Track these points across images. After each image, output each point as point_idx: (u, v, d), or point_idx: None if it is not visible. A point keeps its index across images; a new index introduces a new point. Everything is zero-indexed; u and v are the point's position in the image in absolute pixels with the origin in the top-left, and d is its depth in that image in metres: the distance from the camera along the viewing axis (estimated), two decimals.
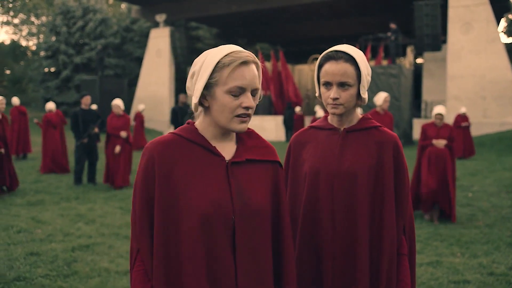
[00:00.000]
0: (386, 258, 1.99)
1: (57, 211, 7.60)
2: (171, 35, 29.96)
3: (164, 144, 1.66)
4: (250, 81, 1.61)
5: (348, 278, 2.00)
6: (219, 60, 1.60)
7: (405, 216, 2.06)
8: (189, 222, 1.58)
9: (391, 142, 2.05)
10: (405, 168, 2.07)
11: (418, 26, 21.87)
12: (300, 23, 32.58)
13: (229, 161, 1.67)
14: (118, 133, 9.76)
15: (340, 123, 2.12)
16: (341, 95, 2.00)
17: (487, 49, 21.41)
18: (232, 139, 1.74)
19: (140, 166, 1.66)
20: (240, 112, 1.62)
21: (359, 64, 1.97)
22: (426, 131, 7.42)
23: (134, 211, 1.66)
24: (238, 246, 1.61)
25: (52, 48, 36.76)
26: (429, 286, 4.64)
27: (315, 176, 2.07)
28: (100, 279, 4.71)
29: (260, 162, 1.74)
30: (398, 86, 19.44)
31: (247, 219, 1.63)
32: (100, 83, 27.51)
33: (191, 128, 1.71)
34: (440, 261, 5.35)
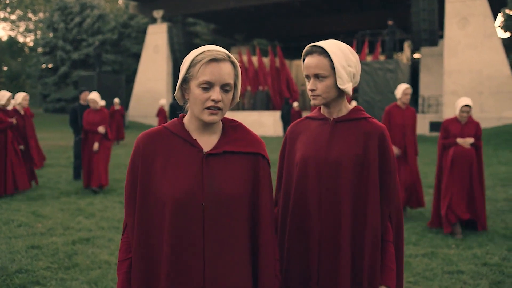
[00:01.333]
0: (369, 245, 2.07)
1: (57, 206, 7.67)
2: (169, 31, 30.00)
3: (150, 136, 1.86)
4: (218, 77, 1.75)
5: (332, 263, 2.09)
6: (194, 57, 1.79)
7: (391, 203, 2.14)
8: (162, 207, 1.77)
9: (377, 132, 2.13)
10: (392, 158, 2.15)
11: (415, 21, 21.97)
12: (298, 19, 32.64)
13: (206, 152, 1.81)
14: (95, 128, 9.00)
15: (329, 113, 2.21)
16: (317, 87, 2.11)
17: (484, 44, 21.50)
18: (216, 132, 1.88)
19: (131, 155, 1.87)
20: (209, 105, 1.76)
21: (332, 56, 2.07)
22: (448, 128, 6.41)
23: (125, 193, 1.89)
24: (207, 231, 1.75)
25: (49, 45, 36.81)
26: (424, 276, 4.73)
27: (305, 164, 2.16)
28: (101, 271, 4.79)
29: (240, 154, 1.86)
30: (395, 81, 19.51)
31: (217, 206, 1.76)
32: (98, 79, 27.54)
33: (177, 121, 1.90)
34: (435, 252, 5.44)
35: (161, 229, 1.77)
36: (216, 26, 36.79)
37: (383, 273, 2.10)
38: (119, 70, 36.75)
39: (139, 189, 1.81)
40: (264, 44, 37.23)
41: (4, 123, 8.39)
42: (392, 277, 2.09)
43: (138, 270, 1.81)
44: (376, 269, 2.08)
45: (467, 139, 6.23)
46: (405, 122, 7.07)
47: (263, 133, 24.35)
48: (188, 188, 1.75)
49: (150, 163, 1.81)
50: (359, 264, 2.08)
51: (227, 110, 1.82)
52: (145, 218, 1.80)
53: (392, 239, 2.14)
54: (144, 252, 1.80)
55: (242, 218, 1.82)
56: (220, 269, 1.76)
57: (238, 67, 1.83)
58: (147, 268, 1.80)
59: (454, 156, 6.26)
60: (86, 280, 4.53)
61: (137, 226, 1.81)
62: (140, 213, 1.81)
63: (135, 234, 1.82)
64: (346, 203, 2.08)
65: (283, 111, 23.22)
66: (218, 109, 1.77)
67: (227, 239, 1.78)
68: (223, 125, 1.90)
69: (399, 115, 7.09)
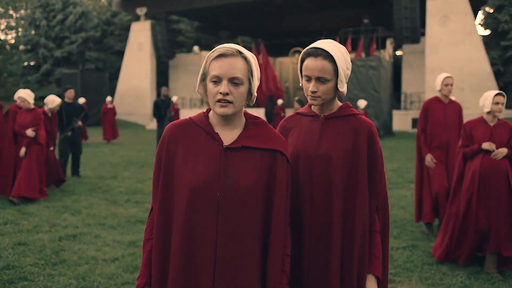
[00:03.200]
0: (358, 236, 2.18)
1: (43, 203, 7.69)
2: (152, 29, 29.95)
3: (176, 126, 2.00)
4: (225, 71, 1.85)
5: (323, 254, 2.19)
6: (208, 55, 1.92)
7: (379, 196, 2.25)
8: (181, 195, 1.90)
9: (366, 128, 2.23)
10: (379, 153, 2.25)
11: (397, 18, 22.22)
12: (282, 16, 32.76)
13: (226, 146, 1.92)
14: (24, 131, 7.91)
15: (321, 110, 2.30)
16: (319, 89, 2.18)
17: (464, 42, 21.82)
18: (238, 127, 1.99)
19: (159, 142, 2.01)
20: (219, 98, 1.87)
21: (337, 61, 2.14)
22: (471, 133, 4.88)
23: (152, 177, 2.03)
24: (220, 222, 1.85)
25: (31, 42, 36.47)
26: (404, 268, 4.87)
27: (296, 158, 2.25)
28: (88, 266, 4.85)
29: (257, 149, 1.95)
30: (378, 78, 19.72)
31: (232, 198, 1.86)
32: (81, 77, 27.42)
33: (203, 114, 2.02)
34: (416, 245, 5.59)
35: (178, 216, 1.90)
36: (200, 24, 36.76)
37: (370, 262, 2.20)
38: (102, 68, 36.56)
39: (162, 175, 1.95)
40: (248, 41, 37.27)
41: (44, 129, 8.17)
42: (379, 266, 2.20)
43: (157, 251, 1.95)
44: (364, 259, 2.18)
45: (500, 149, 4.69)
46: (448, 119, 5.98)
47: None
48: (206, 178, 1.87)
49: (173, 152, 1.95)
50: (349, 254, 2.18)
51: (240, 104, 1.92)
52: (165, 203, 1.94)
53: (379, 230, 2.25)
54: (163, 234, 1.94)
55: (255, 212, 1.91)
56: (230, 260, 1.85)
57: (251, 62, 1.92)
58: (165, 249, 1.93)
59: (481, 171, 4.71)
60: (74, 276, 4.59)
61: (157, 210, 1.96)
62: (161, 198, 1.95)
63: (156, 217, 1.96)
64: (336, 197, 2.18)
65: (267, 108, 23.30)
66: (228, 102, 1.87)
67: (239, 231, 1.86)
68: (246, 120, 2.01)
69: (441, 111, 6.02)
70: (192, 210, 1.86)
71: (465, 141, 4.90)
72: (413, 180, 9.95)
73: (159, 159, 1.98)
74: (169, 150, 1.95)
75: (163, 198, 1.94)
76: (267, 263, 1.94)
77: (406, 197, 8.33)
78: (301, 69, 2.24)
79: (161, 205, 1.94)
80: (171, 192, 1.93)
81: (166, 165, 1.95)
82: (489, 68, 21.56)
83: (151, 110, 28.13)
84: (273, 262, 1.93)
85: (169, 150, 1.95)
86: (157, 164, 1.99)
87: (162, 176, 1.95)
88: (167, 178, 1.94)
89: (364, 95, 19.73)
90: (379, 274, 2.20)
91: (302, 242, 2.21)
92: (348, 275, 2.18)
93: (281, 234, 1.96)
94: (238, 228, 1.86)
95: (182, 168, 1.91)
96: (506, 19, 24.98)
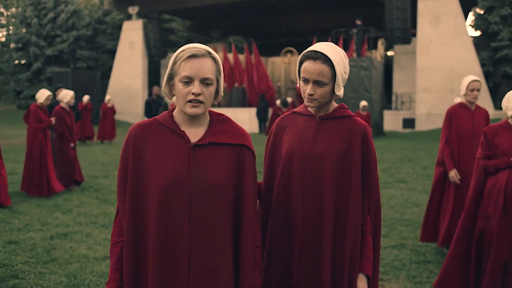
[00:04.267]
0: (350, 235, 2.22)
1: (34, 202, 7.69)
2: (144, 28, 29.90)
3: (141, 127, 2.00)
4: (197, 71, 1.88)
5: (315, 253, 2.22)
6: (176, 55, 1.93)
7: (371, 197, 2.29)
8: (151, 195, 1.91)
9: (360, 130, 2.27)
10: (373, 155, 2.29)
11: (388, 19, 22.34)
12: (274, 16, 32.81)
13: (193, 143, 1.94)
14: None
15: (316, 111, 2.34)
16: (316, 92, 2.21)
17: (455, 42, 21.97)
18: (203, 125, 2.01)
19: (123, 144, 2.00)
20: (190, 98, 1.89)
21: (335, 66, 2.17)
22: (494, 141, 3.96)
23: (117, 179, 2.02)
24: (193, 218, 1.89)
25: (22, 40, 36.31)
26: (393, 266, 4.93)
27: (290, 157, 2.29)
28: (79, 264, 4.88)
29: (225, 145, 1.99)
30: (369, 78, 19.82)
31: (203, 194, 1.90)
32: (72, 75, 27.32)
33: (167, 114, 2.03)
34: (404, 244, 5.65)
35: (150, 215, 1.90)
36: (192, 23, 36.74)
37: (361, 261, 2.24)
38: (94, 67, 36.44)
39: (130, 176, 1.95)
40: (240, 41, 37.30)
41: (44, 122, 8.35)
42: (370, 265, 2.24)
43: (129, 253, 1.94)
44: (356, 258, 2.22)
45: None
46: (475, 127, 5.28)
47: None
48: (176, 176, 1.89)
49: (140, 152, 1.95)
50: (340, 253, 2.21)
51: (210, 104, 1.95)
52: (136, 204, 1.94)
53: (371, 230, 2.29)
54: (135, 235, 1.93)
55: (226, 206, 1.95)
56: (204, 254, 1.89)
57: (219, 62, 1.96)
58: (137, 250, 1.94)
59: (508, 191, 3.78)
60: (65, 274, 4.61)
61: (128, 211, 1.94)
62: (131, 199, 1.94)
63: (126, 218, 1.95)
64: (328, 196, 2.22)
65: (258, 108, 23.38)
66: (199, 102, 1.90)
67: (212, 226, 1.91)
68: (210, 118, 2.03)
69: (467, 118, 5.31)
70: (164, 209, 1.88)
71: (486, 151, 3.98)
72: (403, 180, 10.06)
73: (125, 161, 1.98)
74: (135, 151, 1.95)
75: (133, 199, 1.94)
76: (239, 257, 1.99)
77: (395, 196, 8.41)
78: (299, 71, 2.27)
79: (131, 206, 1.94)
80: (141, 193, 1.93)
81: (134, 165, 1.95)
82: (479, 69, 21.72)
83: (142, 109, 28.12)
84: (246, 255, 1.99)
85: (136, 151, 1.95)
86: (123, 166, 1.98)
87: (130, 177, 1.94)
88: (135, 179, 1.94)
89: (355, 95, 19.83)
90: (369, 274, 2.24)
91: (294, 241, 2.25)
92: (339, 274, 2.21)
93: (253, 227, 2.02)
94: (211, 223, 1.91)
95: (151, 168, 1.92)
96: (496, 21, 25.16)
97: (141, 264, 1.93)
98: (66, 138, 8.78)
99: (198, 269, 1.88)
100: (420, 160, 13.33)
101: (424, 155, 14.38)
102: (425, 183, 9.69)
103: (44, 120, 8.38)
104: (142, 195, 1.93)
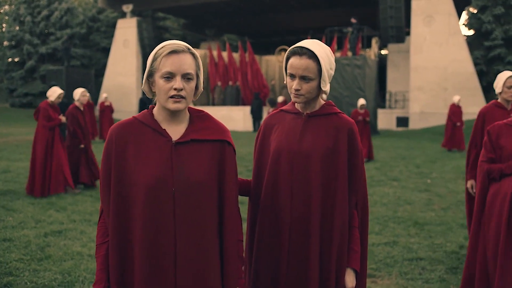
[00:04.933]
0: (337, 231, 2.26)
1: (28, 200, 7.70)
2: (138, 26, 29.83)
3: (122, 126, 2.00)
4: (179, 67, 1.89)
5: (303, 249, 2.26)
6: (156, 51, 1.93)
7: (358, 193, 2.33)
8: (136, 194, 1.92)
9: (346, 127, 2.31)
10: (359, 151, 2.33)
11: (382, 18, 22.41)
12: (268, 14, 32.81)
13: (175, 141, 1.96)
14: None
15: (304, 108, 2.37)
16: (302, 87, 2.25)
17: (448, 41, 22.05)
18: (183, 122, 2.02)
19: (104, 144, 2.01)
20: (172, 94, 1.90)
21: (321, 61, 2.22)
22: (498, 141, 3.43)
23: (100, 180, 2.03)
24: (177, 215, 1.91)
25: (16, 38, 36.14)
26: (385, 263, 4.98)
27: (278, 154, 2.33)
28: (74, 261, 4.90)
29: (206, 141, 2.01)
30: (363, 77, 19.87)
31: (186, 191, 1.93)
32: (66, 73, 27.22)
33: (147, 112, 2.04)
34: (396, 241, 5.70)
35: (135, 214, 1.91)
36: (186, 21, 36.67)
37: (349, 256, 2.28)
38: (88, 65, 36.33)
39: (114, 176, 1.95)
40: (234, 39, 37.28)
41: (54, 120, 8.28)
42: (357, 260, 2.29)
43: (115, 252, 1.94)
44: (343, 253, 2.27)
45: None
46: None
47: (233, 128, 24.46)
48: (159, 174, 1.90)
49: (122, 152, 1.95)
50: (327, 248, 2.25)
51: (191, 99, 1.97)
52: (121, 203, 1.94)
53: (358, 225, 2.33)
54: (120, 236, 1.94)
55: (210, 202, 1.98)
56: (190, 251, 1.91)
57: (198, 58, 1.98)
58: (123, 250, 1.94)
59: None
60: (59, 271, 4.62)
61: (112, 211, 1.95)
62: (115, 199, 1.94)
63: (111, 218, 1.95)
64: (316, 193, 2.25)
65: (253, 106, 23.39)
66: (181, 97, 1.91)
67: (196, 222, 1.93)
68: (190, 115, 2.04)
69: (503, 119, 4.07)
70: (149, 208, 1.89)
71: (489, 153, 3.44)
72: (396, 178, 10.12)
73: (107, 161, 1.98)
74: (118, 151, 1.96)
75: (117, 200, 1.95)
76: (224, 251, 2.02)
77: (388, 194, 8.46)
78: (286, 67, 2.30)
79: (116, 206, 1.95)
80: (126, 193, 1.94)
81: (117, 166, 1.95)
82: (472, 68, 21.82)
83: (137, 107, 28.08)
84: (230, 249, 2.03)
85: (118, 150, 1.96)
86: (105, 167, 1.99)
87: (114, 177, 1.95)
88: (119, 179, 1.94)
89: (349, 94, 19.88)
90: (357, 268, 2.28)
91: (283, 237, 2.28)
92: (326, 269, 2.25)
93: (235, 221, 2.07)
94: (195, 220, 1.93)
95: (134, 167, 1.93)
96: (489, 20, 25.26)
97: (127, 264, 1.95)
98: (78, 138, 8.73)
99: (184, 266, 1.91)
100: (414, 158, 13.40)
101: (417, 154, 14.45)
102: (417, 181, 9.77)
103: (54, 119, 8.28)
104: (127, 194, 1.94)
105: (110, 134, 1.99)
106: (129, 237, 1.94)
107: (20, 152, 13.97)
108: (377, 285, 4.44)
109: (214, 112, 25.63)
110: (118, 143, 1.96)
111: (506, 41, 25.08)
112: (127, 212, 1.94)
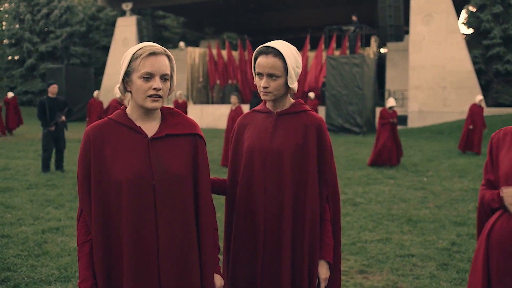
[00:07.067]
0: (308, 224, 2.35)
1: (26, 197, 7.77)
2: (138, 24, 29.86)
3: (98, 127, 2.07)
4: (158, 68, 2.00)
5: (276, 241, 2.35)
6: (134, 53, 2.02)
7: (329, 187, 2.42)
8: (117, 190, 2.00)
9: (315, 123, 2.40)
10: (328, 146, 2.43)
11: (381, 16, 22.45)
12: (267, 13, 32.85)
13: (150, 137, 2.06)
14: None
15: (274, 107, 2.47)
16: (270, 85, 2.35)
17: (447, 40, 22.09)
18: (156, 119, 2.13)
19: (80, 145, 2.07)
20: (151, 93, 2.01)
21: (286, 59, 2.32)
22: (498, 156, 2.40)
23: (78, 181, 2.07)
24: (158, 206, 2.01)
25: (15, 36, 36.20)
26: (377, 259, 5.05)
27: (251, 152, 2.42)
28: (70, 257, 4.97)
29: (180, 136, 2.12)
30: (361, 75, 19.94)
31: (165, 183, 2.03)
32: (66, 71, 27.30)
33: (121, 112, 2.13)
34: (389, 238, 5.78)
35: (118, 210, 1.99)
36: (186, 20, 36.72)
37: (321, 248, 2.37)
38: (87, 63, 36.40)
39: (94, 176, 2.01)
40: (234, 37, 37.35)
41: None
42: (330, 252, 2.38)
43: (100, 249, 2.01)
44: (315, 245, 2.35)
45: None
46: None
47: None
48: (138, 169, 2.00)
49: (100, 152, 2.02)
50: (299, 242, 2.34)
51: (166, 98, 2.08)
52: (102, 202, 2.01)
53: (330, 218, 2.41)
54: (104, 232, 2.01)
55: (187, 193, 2.09)
56: (172, 238, 2.02)
57: (173, 60, 2.09)
58: (108, 247, 2.01)
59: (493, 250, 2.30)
60: (56, 266, 4.70)
61: (94, 210, 2.01)
62: (96, 198, 2.01)
63: (94, 217, 2.01)
64: (288, 190, 2.34)
65: (251, 104, 23.45)
66: (159, 97, 2.02)
67: (176, 213, 2.04)
68: (162, 112, 2.15)
69: None
70: (131, 203, 1.98)
71: (488, 173, 2.46)
72: (392, 176, 10.19)
73: (85, 162, 2.04)
74: (96, 151, 2.02)
75: (98, 198, 2.00)
76: (200, 239, 2.13)
77: (384, 192, 8.54)
78: (254, 67, 2.40)
79: (98, 205, 2.01)
80: (107, 191, 2.00)
81: (96, 165, 2.01)
82: (471, 66, 21.86)
83: None
84: (207, 238, 2.14)
85: (96, 151, 2.02)
86: (83, 167, 2.04)
87: (94, 177, 2.01)
88: (99, 178, 2.01)
89: (347, 92, 19.95)
90: (330, 260, 2.37)
91: (258, 233, 2.37)
92: (299, 262, 2.34)
93: (210, 211, 2.19)
94: (175, 211, 2.04)
95: (114, 165, 2.00)
96: (488, 18, 25.30)
97: (112, 260, 2.02)
98: None
99: (167, 257, 2.00)
100: (411, 157, 13.47)
101: (414, 152, 14.52)
102: (413, 179, 9.86)
103: None
104: (109, 192, 2.00)
105: (87, 134, 2.05)
106: (113, 234, 2.00)
107: (19, 150, 14.06)
108: (368, 280, 4.52)
109: (213, 111, 25.76)
110: (95, 144, 2.03)
111: (505, 40, 25.12)
112: (109, 210, 2.00)
